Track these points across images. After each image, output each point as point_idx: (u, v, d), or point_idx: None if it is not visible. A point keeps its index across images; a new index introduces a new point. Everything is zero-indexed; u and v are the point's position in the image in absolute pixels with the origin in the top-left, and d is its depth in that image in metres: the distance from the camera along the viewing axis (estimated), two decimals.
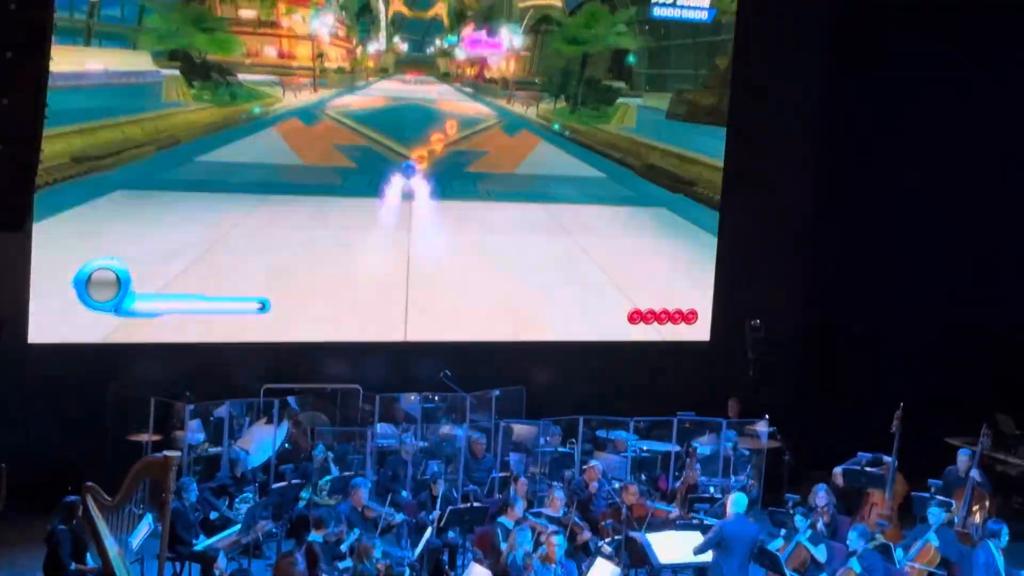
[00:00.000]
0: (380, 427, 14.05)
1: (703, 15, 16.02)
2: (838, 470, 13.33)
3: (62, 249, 13.83)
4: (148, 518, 10.93)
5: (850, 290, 16.50)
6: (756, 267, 16.43)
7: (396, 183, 15.24)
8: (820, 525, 12.17)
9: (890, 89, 15.98)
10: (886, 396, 13.70)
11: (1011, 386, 15.34)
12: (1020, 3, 15.12)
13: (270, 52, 15.00)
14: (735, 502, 11.65)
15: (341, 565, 10.96)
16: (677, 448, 14.29)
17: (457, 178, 15.65)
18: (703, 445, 14.30)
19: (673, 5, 15.89)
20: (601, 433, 14.65)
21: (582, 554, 12.01)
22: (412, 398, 14.62)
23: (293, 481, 12.83)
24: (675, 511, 12.82)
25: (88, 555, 10.52)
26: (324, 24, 14.95)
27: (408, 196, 15.32)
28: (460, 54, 15.61)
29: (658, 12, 15.87)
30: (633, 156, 16.26)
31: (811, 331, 16.79)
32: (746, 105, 16.19)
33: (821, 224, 16.73)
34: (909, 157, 15.87)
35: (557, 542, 11.06)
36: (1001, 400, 15.20)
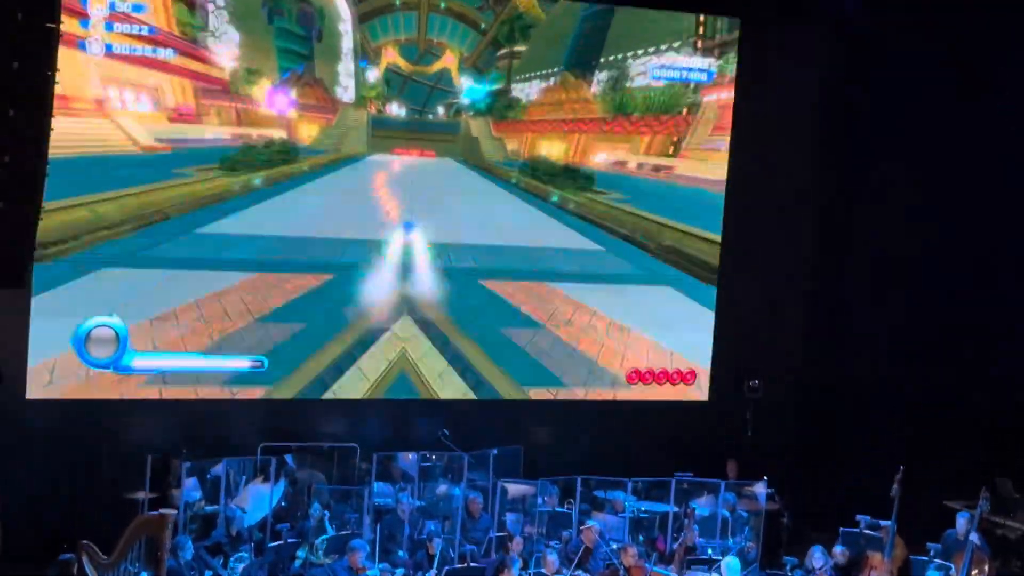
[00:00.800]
0: (377, 486, 13.99)
1: (703, 76, 16.11)
2: (839, 549, 13.20)
3: (62, 306, 13.86)
4: None
5: (849, 352, 16.50)
6: (755, 327, 16.42)
7: (396, 239, 15.24)
8: None
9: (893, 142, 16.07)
10: (886, 458, 13.65)
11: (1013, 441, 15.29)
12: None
13: None
14: (728, 568, 11.60)
15: None
16: (675, 509, 14.22)
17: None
18: (701, 506, 14.23)
19: (672, 66, 15.98)
20: (599, 493, 14.57)
21: None
22: (409, 457, 14.56)
23: (289, 540, 12.79)
24: (673, 574, 12.75)
25: None
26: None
27: (408, 253, 15.31)
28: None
29: (657, 73, 15.95)
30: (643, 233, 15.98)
31: (810, 392, 16.76)
32: (745, 165, 16.30)
33: (820, 279, 16.80)
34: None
35: None
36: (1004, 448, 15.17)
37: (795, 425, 16.67)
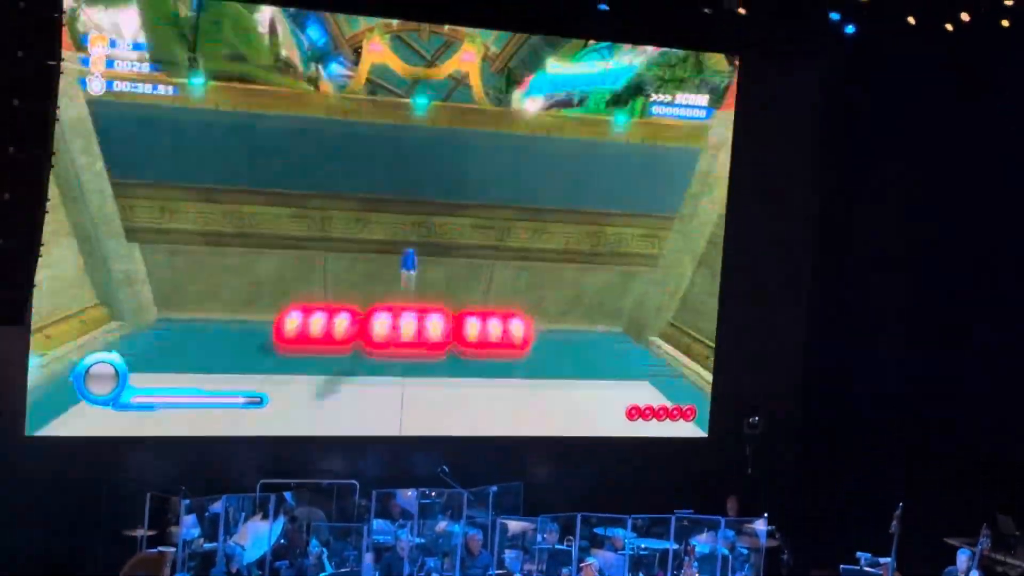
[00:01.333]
0: (376, 523, 13.96)
1: (701, 114, 16.17)
2: None
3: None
4: None
5: (849, 387, 16.47)
6: (754, 363, 16.40)
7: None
8: None
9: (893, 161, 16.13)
10: (886, 495, 13.62)
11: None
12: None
13: None
14: None
15: None
16: (675, 546, 14.18)
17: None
18: (702, 543, 14.20)
19: (671, 104, 16.04)
20: (599, 530, 14.54)
21: None
22: (409, 494, 14.53)
23: None
24: None
25: None
26: None
27: (407, 289, 15.34)
28: None
29: (656, 111, 16.02)
30: None
31: (810, 429, 16.72)
32: (744, 192, 16.37)
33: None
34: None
35: None
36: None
37: (795, 461, 16.62)
